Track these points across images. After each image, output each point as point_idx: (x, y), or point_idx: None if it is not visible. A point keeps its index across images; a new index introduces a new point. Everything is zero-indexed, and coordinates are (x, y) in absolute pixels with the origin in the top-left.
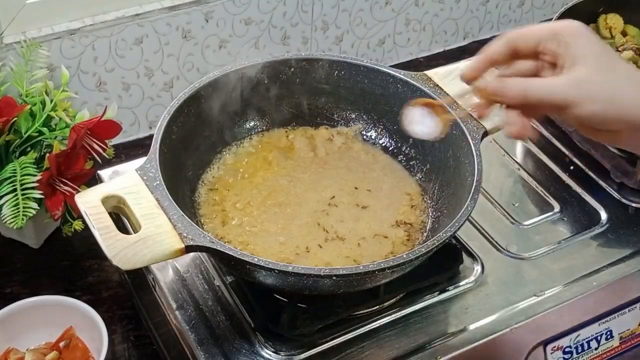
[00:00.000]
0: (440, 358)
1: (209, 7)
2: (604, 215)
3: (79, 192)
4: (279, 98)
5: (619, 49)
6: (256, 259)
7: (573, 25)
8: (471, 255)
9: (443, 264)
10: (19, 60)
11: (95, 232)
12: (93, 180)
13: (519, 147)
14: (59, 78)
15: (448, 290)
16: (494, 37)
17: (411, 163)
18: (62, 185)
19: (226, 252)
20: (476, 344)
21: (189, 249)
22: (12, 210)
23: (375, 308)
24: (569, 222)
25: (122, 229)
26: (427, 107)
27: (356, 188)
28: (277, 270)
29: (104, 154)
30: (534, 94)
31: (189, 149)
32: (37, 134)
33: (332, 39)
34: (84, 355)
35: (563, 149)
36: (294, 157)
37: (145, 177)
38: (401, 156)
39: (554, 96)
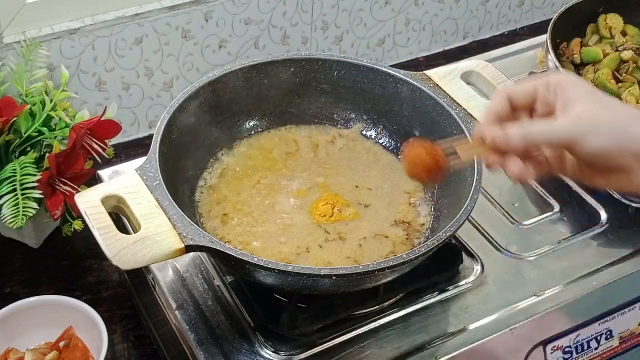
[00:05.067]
0: (440, 358)
1: (209, 7)
2: (604, 215)
3: (79, 192)
4: (279, 98)
5: (619, 49)
6: (256, 259)
7: (565, 76)
8: (471, 255)
9: (443, 264)
10: (19, 60)
11: (95, 232)
12: (93, 180)
13: None
14: (59, 78)
15: (448, 290)
16: (493, 37)
17: None
18: (62, 185)
19: (226, 252)
20: (476, 344)
21: (189, 249)
22: (12, 210)
23: (375, 308)
24: (569, 222)
25: (122, 229)
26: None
27: (357, 187)
28: (277, 270)
29: (104, 154)
30: (537, 137)
31: (189, 149)
32: (37, 134)
33: (332, 39)
34: (84, 355)
35: None
36: (295, 157)
37: (145, 177)
38: (401, 156)
39: (558, 135)
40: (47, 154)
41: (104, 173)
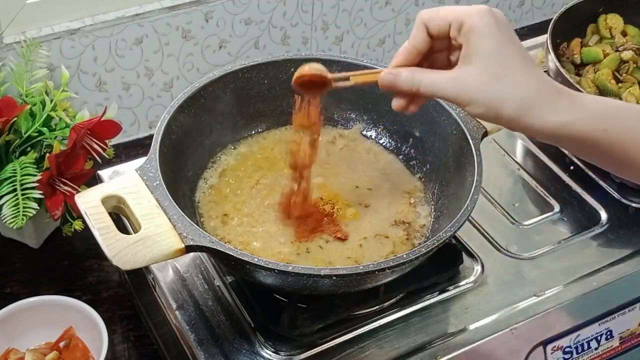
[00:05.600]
0: (440, 358)
1: (209, 7)
2: (604, 215)
3: (79, 192)
4: (279, 98)
5: (619, 49)
6: (256, 259)
7: (481, 15)
8: (471, 255)
9: (443, 264)
10: (19, 60)
11: (95, 232)
12: (93, 180)
13: (519, 147)
14: (59, 78)
15: (448, 290)
16: None
17: (411, 163)
18: (62, 185)
19: (226, 252)
20: (476, 344)
21: (189, 249)
22: (12, 210)
23: (375, 308)
24: (569, 222)
25: (122, 229)
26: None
27: (357, 187)
28: (277, 270)
29: (104, 154)
30: (424, 90)
31: (189, 148)
32: (37, 134)
33: (332, 39)
34: (84, 355)
35: (563, 149)
36: (295, 157)
37: (145, 177)
38: (401, 156)
39: (441, 93)
40: (47, 154)
41: (104, 173)
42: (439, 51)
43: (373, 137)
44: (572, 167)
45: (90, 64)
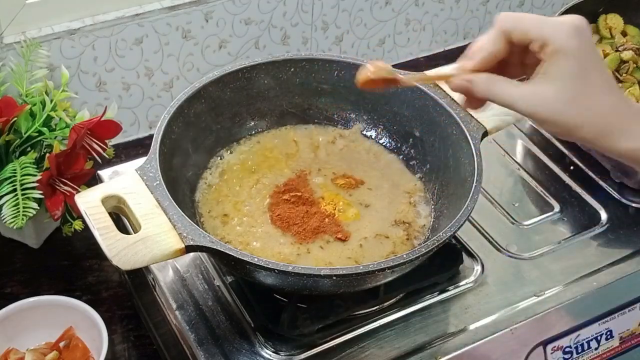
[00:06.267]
0: (440, 358)
1: (209, 7)
2: (604, 215)
3: (79, 192)
4: (279, 98)
5: (619, 49)
6: (256, 259)
7: (568, 38)
8: (471, 255)
9: (443, 264)
10: (19, 60)
11: (95, 232)
12: (93, 180)
13: (519, 147)
14: (59, 78)
15: (448, 290)
16: None
17: (411, 163)
18: (62, 185)
19: (226, 252)
20: (476, 344)
21: (189, 249)
22: (12, 210)
23: (375, 308)
24: (569, 222)
25: (122, 229)
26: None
27: (357, 187)
28: (277, 270)
29: (104, 154)
30: (497, 99)
31: (189, 148)
32: (37, 134)
33: (332, 39)
34: (84, 355)
35: (563, 149)
36: (295, 157)
37: (145, 177)
38: (401, 156)
39: (515, 107)
40: (47, 154)
41: (104, 173)
42: (514, 54)
43: (373, 137)
44: (572, 167)
45: (90, 64)
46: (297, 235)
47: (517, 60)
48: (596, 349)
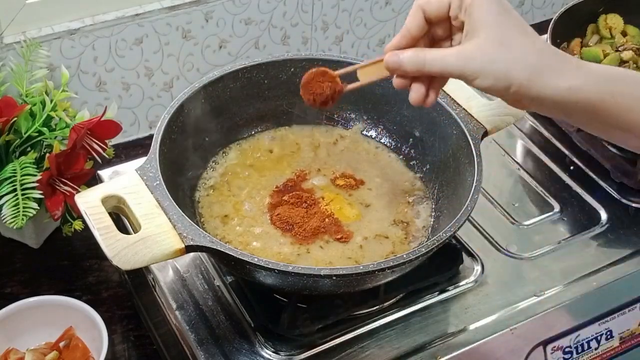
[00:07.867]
0: (440, 358)
1: (209, 7)
2: (604, 215)
3: (79, 192)
4: (279, 98)
5: (619, 49)
6: (256, 259)
7: None
8: (471, 255)
9: (443, 264)
10: (19, 60)
11: (95, 232)
12: (93, 180)
13: (519, 147)
14: (59, 78)
15: (448, 290)
16: None
17: (411, 163)
18: (62, 185)
19: (226, 252)
20: (476, 344)
21: (189, 249)
22: (12, 210)
23: (375, 308)
24: (569, 222)
25: (122, 229)
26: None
27: (358, 187)
28: (277, 270)
29: (104, 154)
30: (429, 67)
31: (189, 149)
32: (37, 134)
33: (332, 39)
34: (84, 355)
35: (563, 149)
36: (295, 157)
37: (145, 177)
38: (401, 156)
39: (447, 69)
40: (47, 154)
41: (104, 173)
42: (440, 40)
43: (373, 137)
44: (572, 167)
45: (90, 64)
46: (297, 235)
47: (445, 34)
48: (596, 349)
